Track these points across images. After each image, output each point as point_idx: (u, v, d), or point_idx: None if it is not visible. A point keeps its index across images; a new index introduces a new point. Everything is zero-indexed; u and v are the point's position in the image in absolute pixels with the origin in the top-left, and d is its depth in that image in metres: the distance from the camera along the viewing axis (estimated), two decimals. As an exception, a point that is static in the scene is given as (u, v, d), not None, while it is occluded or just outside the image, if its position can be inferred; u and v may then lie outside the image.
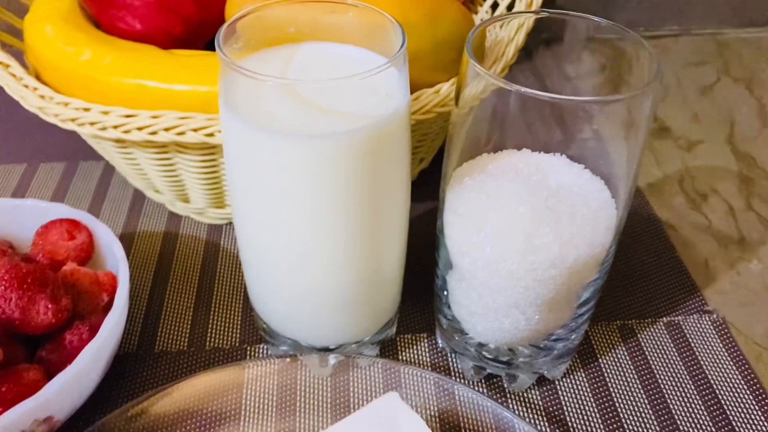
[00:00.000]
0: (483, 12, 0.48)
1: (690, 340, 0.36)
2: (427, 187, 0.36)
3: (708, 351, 0.35)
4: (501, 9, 0.46)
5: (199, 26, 0.38)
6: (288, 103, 0.25)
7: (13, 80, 0.36)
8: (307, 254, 0.28)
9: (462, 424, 0.31)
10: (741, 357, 0.35)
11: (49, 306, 0.28)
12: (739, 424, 0.32)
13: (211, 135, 0.33)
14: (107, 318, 0.28)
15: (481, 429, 0.31)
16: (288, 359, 0.32)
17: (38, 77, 0.38)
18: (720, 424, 0.32)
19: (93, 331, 0.28)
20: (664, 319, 0.37)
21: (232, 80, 0.25)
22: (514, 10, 0.41)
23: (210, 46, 0.40)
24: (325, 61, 0.28)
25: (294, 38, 0.28)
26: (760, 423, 0.32)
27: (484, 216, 0.28)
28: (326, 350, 0.33)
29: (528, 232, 0.27)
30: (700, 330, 0.36)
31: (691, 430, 0.32)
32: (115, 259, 0.32)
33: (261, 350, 0.35)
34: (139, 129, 0.33)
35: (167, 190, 0.40)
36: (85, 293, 0.30)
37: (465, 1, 0.49)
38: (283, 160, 0.25)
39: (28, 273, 0.28)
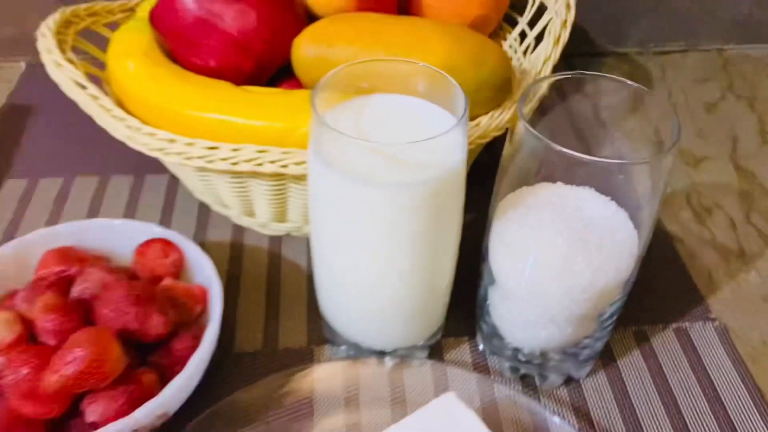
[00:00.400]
0: (511, 39, 0.53)
1: (695, 344, 0.41)
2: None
3: (711, 354, 0.41)
4: (529, 39, 0.51)
5: (265, 63, 0.43)
6: (370, 156, 0.30)
7: (103, 112, 0.41)
8: (376, 279, 0.33)
9: (501, 417, 0.36)
10: (739, 360, 0.40)
11: (160, 318, 0.33)
12: (736, 418, 0.37)
13: (285, 166, 0.38)
14: (209, 328, 0.34)
15: (517, 422, 0.36)
16: (352, 360, 0.38)
17: (120, 104, 0.42)
18: (720, 418, 0.37)
19: (196, 339, 0.34)
20: (673, 325, 0.42)
21: (322, 134, 0.30)
22: (541, 47, 0.46)
23: (272, 80, 0.45)
24: (396, 113, 0.33)
25: (366, 91, 0.33)
26: (755, 416, 0.37)
27: (526, 246, 0.33)
28: (382, 353, 0.38)
29: (564, 261, 0.32)
30: (705, 335, 0.42)
31: (696, 423, 0.37)
32: (202, 273, 0.37)
33: (325, 350, 0.40)
34: (222, 160, 0.38)
35: (236, 206, 0.45)
36: (181, 305, 0.35)
37: (495, 30, 0.53)
38: (363, 204, 0.30)
39: (143, 291, 0.33)
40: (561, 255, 0.32)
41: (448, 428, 0.32)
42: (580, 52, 0.66)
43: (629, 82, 0.33)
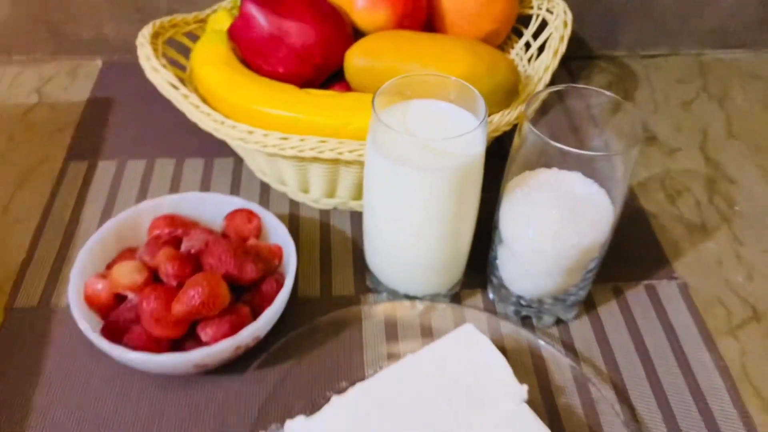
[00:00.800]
0: (518, 48, 0.63)
1: (661, 297, 0.52)
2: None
3: (673, 305, 0.51)
4: (533, 50, 0.61)
5: (321, 70, 0.53)
6: (412, 147, 0.41)
7: (194, 109, 0.51)
8: (413, 240, 0.44)
9: (506, 347, 0.47)
10: (695, 310, 0.51)
11: (252, 266, 0.44)
12: (691, 355, 0.48)
13: (341, 154, 0.48)
14: (287, 277, 0.44)
15: (518, 350, 0.47)
16: (391, 303, 0.49)
17: (204, 102, 0.53)
18: (677, 354, 0.48)
19: (279, 284, 0.45)
20: (644, 282, 0.53)
21: (378, 129, 0.41)
22: (543, 57, 0.56)
23: (327, 82, 0.56)
24: (432, 114, 0.43)
25: (410, 96, 0.44)
26: (704, 353, 0.48)
27: (528, 216, 0.44)
28: (415, 298, 0.49)
29: (557, 228, 0.43)
30: (669, 291, 0.53)
31: (658, 357, 0.48)
32: (278, 235, 0.48)
33: (369, 297, 0.51)
34: (291, 148, 0.49)
35: (293, 184, 0.56)
36: (264, 258, 0.46)
37: (504, 41, 0.64)
38: (406, 183, 0.41)
39: (239, 245, 0.44)
40: (554, 222, 0.43)
41: (468, 351, 0.43)
42: (577, 56, 0.77)
43: (608, 93, 0.43)
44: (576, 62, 0.76)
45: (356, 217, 0.56)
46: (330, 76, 0.55)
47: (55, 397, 0.44)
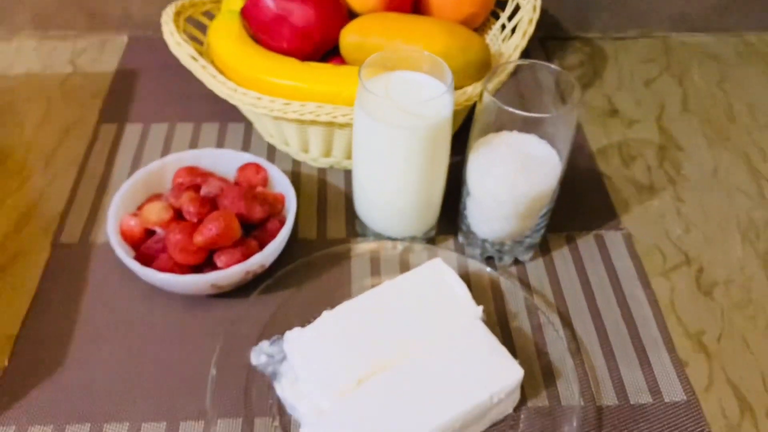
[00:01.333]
0: (495, 29, 0.72)
1: (607, 244, 0.61)
2: (453, 144, 0.60)
3: (617, 251, 0.60)
4: (507, 31, 0.69)
5: (320, 46, 0.62)
6: (393, 110, 0.49)
7: (212, 79, 0.60)
8: (393, 189, 0.53)
9: (471, 281, 0.56)
10: (635, 254, 0.60)
11: (260, 208, 0.53)
12: (627, 292, 0.57)
13: (335, 117, 0.57)
14: (288, 217, 0.54)
15: (481, 283, 0.56)
16: (376, 243, 0.58)
17: (220, 72, 0.62)
18: (617, 291, 0.57)
19: (281, 223, 0.54)
20: (594, 232, 0.62)
21: (364, 95, 0.50)
22: (514, 37, 0.65)
23: (325, 57, 0.64)
24: (410, 83, 0.52)
25: (391, 68, 0.53)
26: (639, 291, 0.57)
27: (490, 170, 0.53)
28: (395, 240, 0.58)
29: (512, 179, 0.52)
30: (615, 239, 0.61)
31: (600, 295, 0.57)
32: (281, 185, 0.57)
33: (358, 240, 0.60)
34: (293, 112, 0.57)
35: (295, 145, 0.65)
36: (270, 203, 0.55)
37: (483, 22, 0.72)
38: (387, 140, 0.50)
39: (248, 191, 0.53)
40: (510, 174, 0.52)
41: (435, 279, 0.52)
42: (553, 36, 0.85)
43: (553, 66, 0.52)
44: (553, 42, 0.84)
45: (349, 175, 0.65)
46: (327, 52, 0.64)
47: (95, 317, 0.54)
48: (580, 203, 0.64)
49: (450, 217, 0.60)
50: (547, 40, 0.85)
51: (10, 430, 0.47)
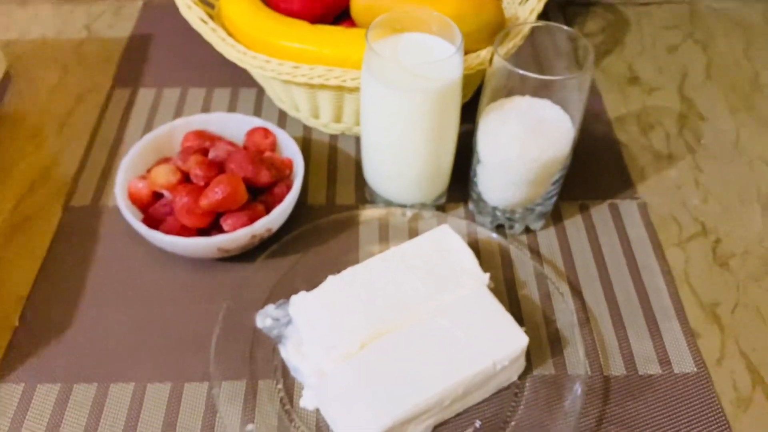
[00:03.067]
0: (512, -6, 0.70)
1: (622, 214, 0.60)
2: (466, 113, 0.59)
3: (631, 221, 0.59)
4: (524, -6, 0.68)
5: (331, 9, 0.61)
6: (400, 72, 0.48)
7: (221, 41, 0.60)
8: (404, 153, 0.53)
9: (480, 248, 0.55)
10: (650, 224, 0.59)
11: (267, 172, 0.53)
12: (641, 262, 0.56)
13: (344, 81, 0.56)
14: (295, 182, 0.53)
15: (490, 251, 0.55)
16: (385, 210, 0.57)
17: (230, 35, 0.61)
18: (630, 262, 0.56)
19: (288, 188, 0.54)
20: (608, 201, 0.60)
21: (371, 57, 0.49)
22: (531, 1, 0.63)
23: (336, 19, 0.64)
24: (418, 45, 0.51)
25: (400, 30, 0.52)
26: (652, 261, 0.56)
27: (499, 135, 0.52)
28: (405, 206, 0.58)
29: (523, 144, 0.51)
30: (629, 209, 0.60)
31: (612, 264, 0.56)
32: (289, 150, 0.57)
33: (367, 206, 0.59)
34: (302, 75, 0.57)
35: (306, 110, 0.64)
36: (277, 167, 0.55)
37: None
38: (395, 103, 0.49)
39: (256, 155, 0.53)
40: (521, 140, 0.51)
41: (442, 245, 0.51)
42: (574, 2, 0.83)
43: (566, 28, 0.51)
44: (573, 8, 0.82)
45: (359, 142, 0.65)
46: (339, 15, 0.63)
47: (103, 279, 0.54)
48: (595, 172, 0.63)
49: (461, 185, 0.59)
50: (568, 5, 0.82)
51: (19, 388, 0.48)
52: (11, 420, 0.46)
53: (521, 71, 0.47)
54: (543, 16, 0.80)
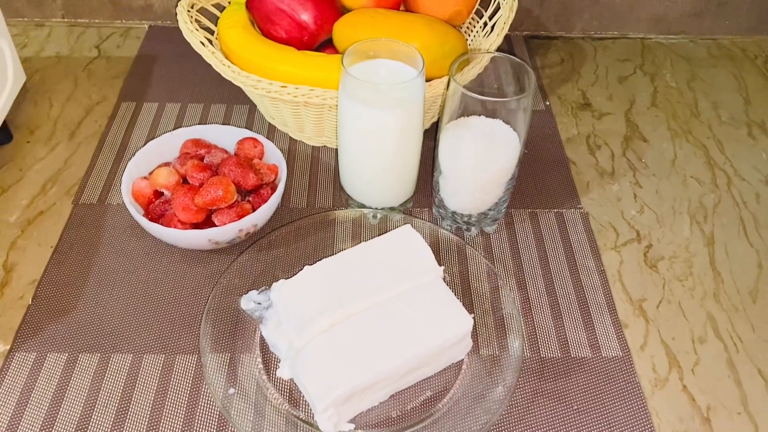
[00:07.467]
0: (479, 27, 0.79)
1: (566, 222, 0.68)
2: (432, 131, 0.67)
3: (574, 228, 0.67)
4: (487, 27, 0.76)
5: (316, 37, 0.70)
6: (372, 92, 0.57)
7: (218, 62, 0.68)
8: (375, 162, 0.61)
9: (439, 247, 0.63)
10: (590, 230, 0.67)
11: (254, 176, 0.61)
12: (579, 263, 0.64)
13: (325, 99, 0.64)
14: (279, 185, 0.61)
15: (448, 250, 0.63)
16: (358, 212, 0.65)
17: (227, 57, 0.70)
18: (570, 262, 0.64)
19: (273, 190, 0.61)
20: (555, 210, 0.69)
21: (347, 80, 0.57)
22: (492, 35, 0.72)
23: (320, 46, 0.72)
24: (388, 70, 0.59)
25: (372, 56, 0.60)
26: (590, 262, 0.64)
27: (458, 150, 0.60)
28: (376, 209, 0.66)
29: (477, 158, 0.59)
30: (573, 218, 0.68)
31: (554, 264, 0.64)
32: (275, 158, 0.65)
33: (342, 210, 0.67)
34: (288, 94, 0.65)
35: (293, 125, 0.72)
36: (264, 173, 0.63)
37: (468, 20, 0.79)
38: (367, 120, 0.57)
39: (244, 162, 0.61)
40: (474, 155, 0.59)
41: (404, 242, 0.59)
42: (537, 36, 0.92)
43: (515, 58, 0.59)
44: (536, 41, 0.91)
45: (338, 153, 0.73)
46: (322, 42, 0.72)
47: (107, 266, 0.62)
48: (546, 185, 0.71)
49: (427, 192, 0.67)
50: (532, 38, 0.91)
51: (31, 356, 0.55)
52: (24, 383, 0.54)
53: (472, 94, 0.55)
54: (509, 47, 0.89)
